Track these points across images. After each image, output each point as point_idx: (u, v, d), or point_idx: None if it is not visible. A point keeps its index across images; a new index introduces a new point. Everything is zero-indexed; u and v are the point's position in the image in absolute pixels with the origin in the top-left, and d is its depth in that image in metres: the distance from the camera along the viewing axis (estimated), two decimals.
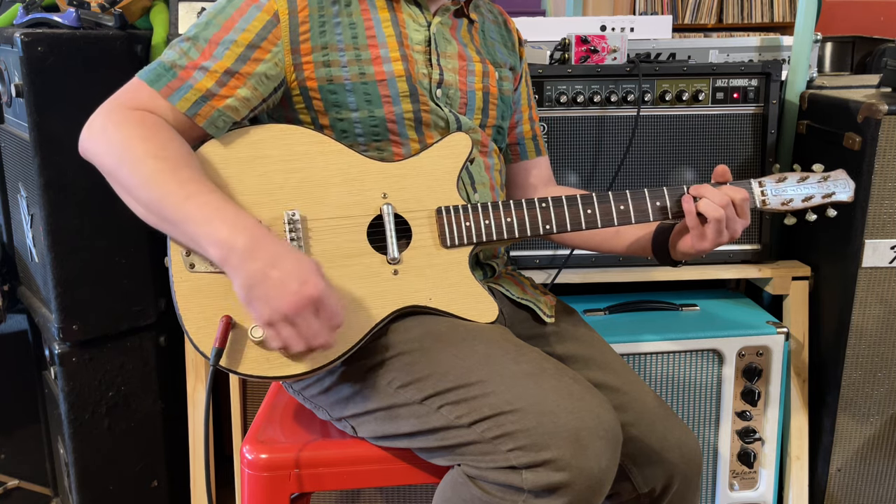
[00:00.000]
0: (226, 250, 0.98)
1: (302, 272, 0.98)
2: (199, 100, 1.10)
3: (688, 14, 3.17)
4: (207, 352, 1.06)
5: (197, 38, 1.13)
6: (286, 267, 0.97)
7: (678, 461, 1.19)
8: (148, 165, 1.03)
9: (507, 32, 1.41)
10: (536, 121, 1.47)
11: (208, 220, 1.00)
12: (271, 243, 0.99)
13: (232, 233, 0.99)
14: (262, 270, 0.97)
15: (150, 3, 1.84)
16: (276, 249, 0.99)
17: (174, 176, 1.02)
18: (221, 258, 0.99)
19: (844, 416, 1.73)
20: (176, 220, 1.02)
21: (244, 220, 1.01)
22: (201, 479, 1.76)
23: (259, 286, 0.97)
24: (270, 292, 0.97)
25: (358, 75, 1.17)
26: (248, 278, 0.97)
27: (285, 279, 0.97)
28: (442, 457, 1.09)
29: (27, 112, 1.59)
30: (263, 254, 0.98)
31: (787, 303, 1.78)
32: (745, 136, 1.76)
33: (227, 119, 1.12)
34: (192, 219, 1.00)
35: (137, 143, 1.04)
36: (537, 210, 1.19)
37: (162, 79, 1.10)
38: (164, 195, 1.01)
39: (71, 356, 1.72)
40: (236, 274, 0.98)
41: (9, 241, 1.99)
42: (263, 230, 1.01)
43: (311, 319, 0.99)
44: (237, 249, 0.98)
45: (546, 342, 1.28)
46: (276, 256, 0.98)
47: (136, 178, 1.03)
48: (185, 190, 1.01)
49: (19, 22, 1.73)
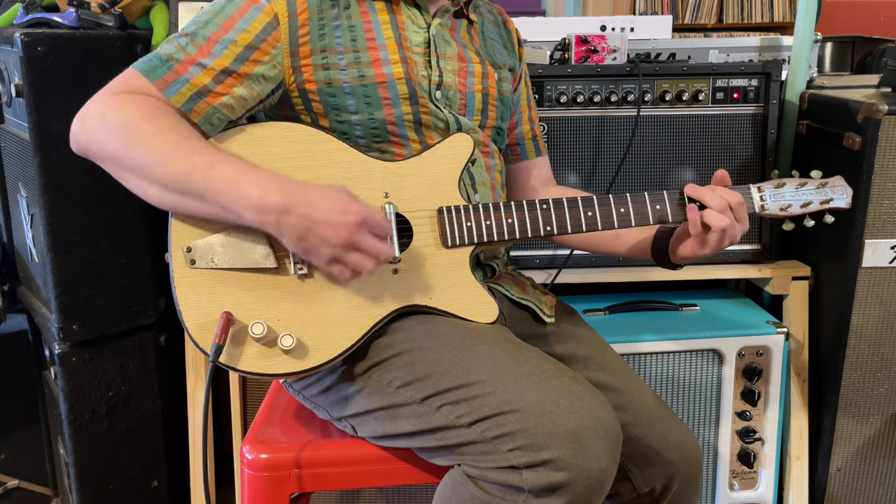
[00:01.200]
0: (261, 212, 1.01)
1: (339, 203, 1.02)
2: (194, 95, 1.09)
3: (688, 14, 3.17)
4: (207, 348, 1.06)
5: (195, 34, 1.12)
6: (323, 205, 1.02)
7: (678, 461, 1.19)
8: (163, 140, 1.03)
9: (507, 33, 1.41)
10: (536, 121, 1.47)
11: (238, 185, 1.02)
12: (300, 191, 1.03)
13: (262, 192, 1.01)
14: (304, 217, 1.01)
15: (150, 3, 1.84)
16: (305, 193, 1.02)
17: (192, 148, 1.03)
18: (259, 221, 1.02)
19: (844, 416, 1.73)
20: (202, 192, 1.02)
21: (266, 177, 1.03)
22: (201, 479, 1.76)
23: (309, 235, 1.01)
24: (322, 233, 1.01)
25: (357, 78, 1.17)
26: (295, 231, 1.02)
27: (328, 217, 1.01)
28: (442, 457, 1.09)
29: (27, 112, 1.59)
30: (297, 203, 1.01)
31: (787, 303, 1.78)
32: (745, 136, 1.76)
33: (223, 117, 1.12)
34: (220, 187, 1.02)
35: (144, 122, 1.03)
36: (538, 211, 1.19)
37: (157, 70, 1.09)
38: (187, 166, 1.02)
39: (71, 356, 1.72)
40: (283, 232, 1.02)
41: (9, 241, 1.99)
42: (288, 180, 1.04)
43: (368, 237, 1.04)
44: (271, 208, 1.01)
45: (546, 342, 1.28)
46: (310, 199, 1.02)
47: (152, 157, 1.02)
48: (207, 159, 1.03)
49: (19, 22, 1.73)
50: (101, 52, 1.67)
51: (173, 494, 1.93)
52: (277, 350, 1.08)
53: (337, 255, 1.03)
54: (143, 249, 1.78)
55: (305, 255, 1.05)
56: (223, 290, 1.09)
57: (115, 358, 1.79)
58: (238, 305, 1.08)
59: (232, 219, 1.04)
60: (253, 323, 1.06)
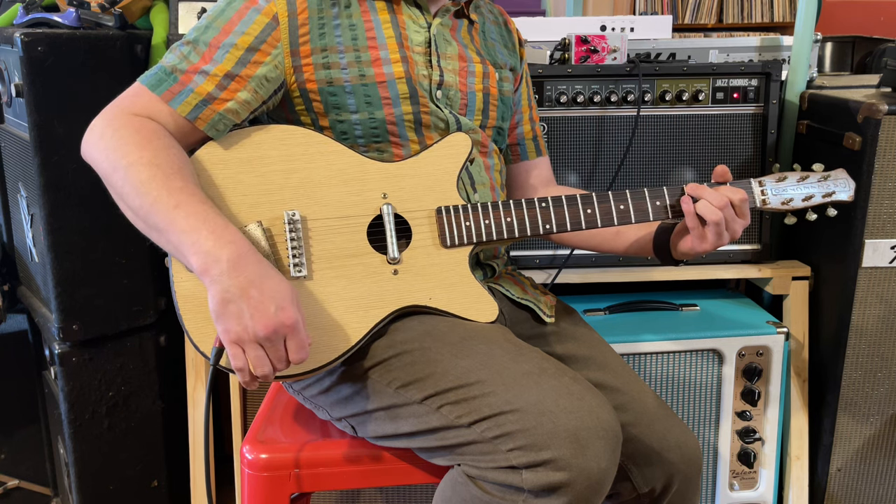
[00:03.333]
0: (209, 261, 0.96)
1: (281, 297, 0.97)
2: (199, 104, 1.10)
3: (688, 14, 3.17)
4: (207, 351, 1.06)
5: (197, 41, 1.13)
6: (267, 288, 0.96)
7: (678, 461, 1.19)
8: (140, 172, 1.02)
9: (508, 33, 1.41)
10: (537, 121, 1.47)
11: (195, 230, 0.98)
12: (255, 262, 0.98)
13: (217, 245, 0.97)
14: (242, 287, 0.95)
15: (150, 3, 1.84)
16: (259, 269, 0.98)
17: (165, 184, 1.02)
18: (202, 268, 0.97)
19: (844, 416, 1.73)
20: (162, 228, 1.01)
21: (231, 233, 0.99)
22: (201, 479, 1.76)
23: (235, 303, 0.95)
24: (246, 311, 0.95)
25: (358, 77, 1.17)
26: (225, 292, 0.95)
27: (264, 301, 0.96)
28: (442, 457, 1.09)
29: (27, 112, 1.59)
30: (246, 271, 0.97)
31: (787, 303, 1.78)
32: (745, 136, 1.76)
33: (228, 122, 1.13)
34: (178, 227, 0.99)
35: (132, 150, 1.04)
36: (537, 210, 1.19)
37: (163, 83, 1.11)
38: (153, 202, 1.01)
39: (71, 356, 1.72)
40: (214, 286, 0.96)
41: (9, 241, 1.99)
42: (249, 246, 1.00)
43: (280, 346, 0.98)
44: (221, 262, 0.96)
45: (546, 342, 1.28)
46: (259, 276, 0.97)
47: (127, 185, 1.03)
48: (175, 199, 1.00)
49: (19, 22, 1.73)
50: (101, 52, 1.67)
51: (173, 494, 1.93)
52: None
53: (242, 341, 0.96)
54: (143, 249, 1.78)
55: (216, 317, 0.97)
56: None
57: (115, 358, 1.79)
58: None
59: (181, 261, 1.02)
60: None
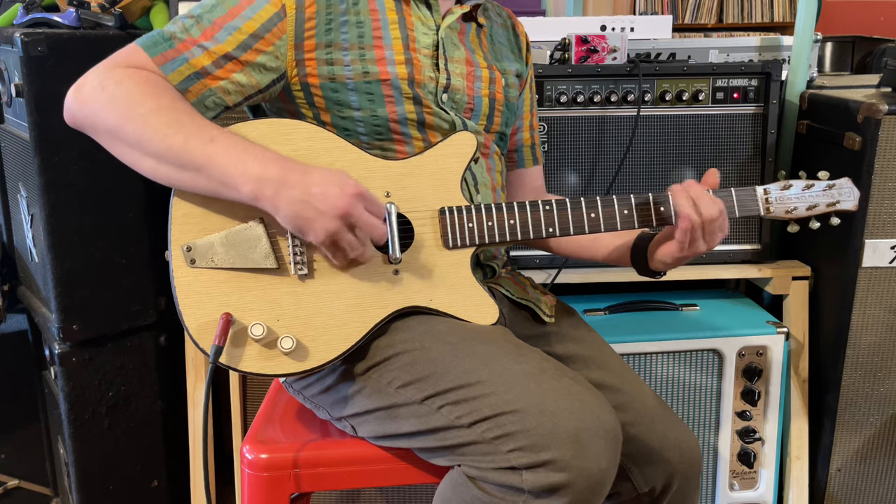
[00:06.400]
0: (260, 184, 1.01)
1: (336, 178, 1.02)
2: (192, 75, 1.09)
3: (688, 14, 3.17)
4: (207, 349, 1.06)
5: (201, 17, 1.12)
6: (319, 179, 1.02)
7: (678, 461, 1.19)
8: (164, 115, 1.02)
9: (515, 37, 1.40)
10: (536, 129, 1.47)
11: (239, 159, 1.01)
12: (298, 166, 1.03)
13: (263, 166, 1.01)
14: (302, 192, 1.01)
15: (150, 3, 1.84)
16: (304, 170, 1.03)
17: (193, 122, 1.03)
18: (256, 193, 1.01)
19: (844, 415, 1.73)
20: (200, 165, 1.02)
21: (268, 153, 1.04)
22: (201, 479, 1.76)
23: (306, 209, 1.01)
24: (319, 206, 1.01)
25: (361, 74, 1.16)
26: (292, 206, 1.01)
27: (325, 190, 1.01)
28: (442, 457, 1.09)
29: (27, 112, 1.59)
30: (295, 178, 1.01)
31: (787, 303, 1.78)
32: (745, 136, 1.76)
33: (218, 101, 1.11)
34: (220, 160, 1.01)
35: (146, 98, 1.03)
36: (541, 212, 1.18)
37: (158, 46, 1.09)
38: (186, 140, 1.01)
39: (71, 356, 1.72)
40: (277, 206, 1.01)
41: (9, 241, 1.99)
42: (286, 158, 1.04)
43: (363, 211, 1.04)
44: (271, 180, 1.00)
45: (546, 342, 1.28)
46: (307, 175, 1.02)
47: (149, 130, 1.02)
48: (209, 133, 1.03)
49: (19, 22, 1.73)
50: (101, 52, 1.65)
51: (173, 494, 1.93)
52: (277, 351, 1.08)
53: (333, 232, 1.02)
54: (143, 249, 1.78)
55: (301, 231, 1.03)
56: (223, 290, 1.09)
57: (115, 358, 1.79)
58: (238, 305, 1.08)
59: (228, 194, 1.03)
60: (252, 324, 1.06)
